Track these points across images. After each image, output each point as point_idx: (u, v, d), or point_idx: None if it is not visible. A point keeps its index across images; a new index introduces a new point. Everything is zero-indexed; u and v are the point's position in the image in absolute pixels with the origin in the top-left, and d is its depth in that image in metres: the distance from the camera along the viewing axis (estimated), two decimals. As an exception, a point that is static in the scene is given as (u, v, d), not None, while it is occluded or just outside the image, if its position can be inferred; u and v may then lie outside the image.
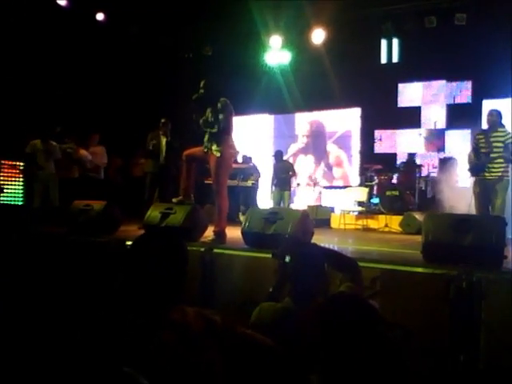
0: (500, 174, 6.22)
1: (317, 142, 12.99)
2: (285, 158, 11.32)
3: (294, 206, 10.86)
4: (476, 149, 6.45)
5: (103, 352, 1.57)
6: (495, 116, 6.40)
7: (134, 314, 1.69)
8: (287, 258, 2.52)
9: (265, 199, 10.74)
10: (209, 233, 5.47)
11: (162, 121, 7.98)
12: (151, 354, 1.57)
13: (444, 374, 3.33)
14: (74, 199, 6.27)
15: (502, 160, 6.20)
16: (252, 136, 13.13)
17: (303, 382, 1.71)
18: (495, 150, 6.23)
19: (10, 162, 9.20)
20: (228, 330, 1.78)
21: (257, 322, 2.38)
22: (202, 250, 4.58)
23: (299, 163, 12.70)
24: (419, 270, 3.81)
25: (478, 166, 6.39)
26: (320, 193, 11.81)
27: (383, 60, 11.51)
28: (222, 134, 5.29)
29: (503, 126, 6.39)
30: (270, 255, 3.91)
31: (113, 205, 5.98)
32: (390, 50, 11.40)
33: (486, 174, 6.28)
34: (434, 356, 3.37)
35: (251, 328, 2.08)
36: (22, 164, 7.12)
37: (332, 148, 12.79)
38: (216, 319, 1.78)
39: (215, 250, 4.60)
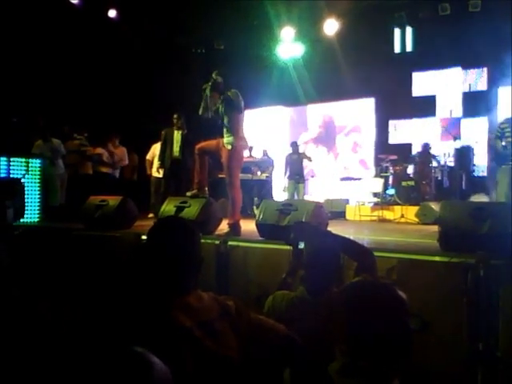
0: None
1: (328, 134, 12.96)
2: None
3: (308, 198, 10.82)
4: (501, 137, 6.36)
5: (117, 334, 1.58)
6: None
7: (150, 298, 1.71)
8: (301, 245, 2.51)
9: (279, 192, 10.71)
10: (223, 226, 5.48)
11: (175, 116, 8.03)
12: (167, 336, 1.58)
13: (463, 363, 3.29)
14: (88, 195, 6.32)
15: None
16: (264, 129, 13.10)
17: (318, 370, 1.69)
18: None
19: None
20: (242, 315, 1.78)
21: (270, 310, 2.38)
22: (217, 242, 4.59)
23: (311, 154, 12.66)
24: (436, 258, 3.76)
25: (504, 154, 6.28)
26: (334, 185, 11.76)
27: (397, 49, 11.38)
28: (233, 126, 5.28)
29: None
30: (284, 247, 3.91)
31: (128, 199, 6.02)
32: (403, 39, 11.25)
33: None
34: (453, 345, 3.34)
35: (265, 315, 2.08)
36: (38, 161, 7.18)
37: (342, 140, 12.74)
38: (230, 304, 1.79)
39: (230, 243, 4.60)
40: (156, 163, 8.75)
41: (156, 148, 9.12)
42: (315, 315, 2.21)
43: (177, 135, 8.02)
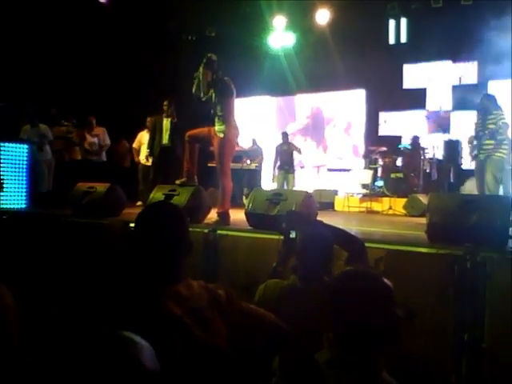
0: (489, 152, 6.49)
1: (316, 126, 12.96)
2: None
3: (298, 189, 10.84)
4: (476, 134, 6.74)
5: (106, 322, 1.57)
6: (486, 100, 6.72)
7: (140, 286, 1.69)
8: (293, 234, 2.51)
9: (268, 182, 10.71)
10: (212, 215, 5.46)
11: (165, 103, 7.98)
12: (158, 324, 1.57)
13: (448, 354, 3.33)
14: (77, 181, 6.27)
15: (492, 140, 6.46)
16: (254, 118, 13.06)
17: (308, 358, 1.70)
18: (487, 131, 6.53)
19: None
20: (231, 303, 1.78)
21: (262, 298, 2.38)
22: (206, 231, 4.58)
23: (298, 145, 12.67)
24: (424, 250, 3.79)
25: (474, 148, 6.70)
26: (323, 176, 11.78)
27: (391, 41, 11.35)
28: (226, 115, 5.25)
29: (497, 109, 6.62)
30: (273, 236, 3.92)
31: (116, 187, 5.97)
32: (398, 31, 11.24)
33: (479, 155, 6.63)
34: (438, 335, 3.38)
35: (256, 304, 2.08)
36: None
37: (330, 132, 12.76)
38: (220, 293, 1.78)
39: (219, 232, 4.59)
40: (144, 151, 8.70)
41: (142, 136, 9.07)
42: (306, 304, 2.22)
43: (166, 123, 7.97)
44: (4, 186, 6.40)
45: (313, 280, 2.35)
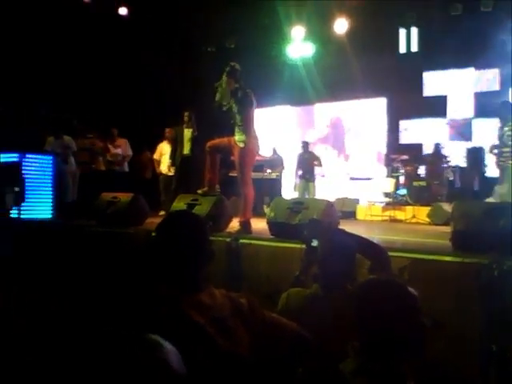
0: (506, 159, 6.46)
1: (336, 134, 12.94)
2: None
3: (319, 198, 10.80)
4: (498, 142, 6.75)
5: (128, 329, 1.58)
6: (504, 108, 6.79)
7: (163, 295, 1.70)
8: (315, 243, 2.50)
9: (288, 191, 10.70)
10: (234, 224, 5.48)
11: (186, 114, 8.05)
12: (181, 333, 1.57)
13: (476, 364, 3.27)
14: (101, 192, 6.35)
15: (509, 148, 6.42)
16: (274, 128, 13.08)
17: (331, 368, 1.69)
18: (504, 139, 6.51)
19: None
20: (254, 313, 1.78)
21: (285, 307, 2.37)
22: (228, 240, 4.59)
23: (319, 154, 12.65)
24: (449, 258, 3.74)
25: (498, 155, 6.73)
26: (344, 184, 11.73)
27: (402, 50, 11.32)
28: (246, 125, 5.27)
29: None
30: (295, 245, 3.91)
31: (139, 196, 6.05)
32: (408, 40, 11.19)
33: (500, 162, 6.67)
34: (465, 346, 3.32)
35: (279, 313, 2.08)
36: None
37: (351, 141, 12.71)
38: (242, 302, 1.78)
39: (241, 241, 4.60)
40: (166, 161, 8.78)
41: (162, 147, 9.16)
42: (329, 312, 2.21)
43: (187, 133, 8.06)
44: (25, 197, 6.47)
45: (335, 288, 2.34)
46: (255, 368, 1.70)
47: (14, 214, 6.22)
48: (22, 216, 6.34)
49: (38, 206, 6.63)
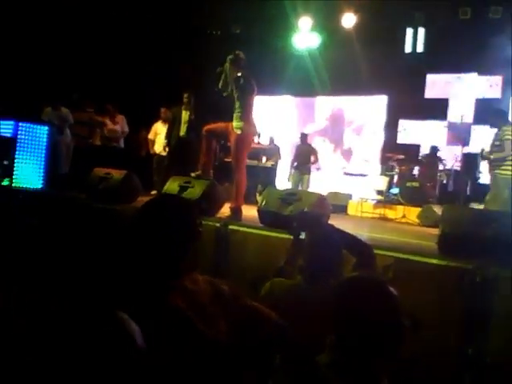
0: (495, 168, 6.46)
1: (335, 128, 12.92)
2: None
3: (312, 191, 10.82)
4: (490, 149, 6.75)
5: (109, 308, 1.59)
6: (494, 115, 6.79)
7: (146, 278, 1.71)
8: (302, 235, 2.52)
9: (283, 181, 10.71)
10: (225, 209, 5.49)
11: (185, 95, 8.02)
12: (163, 317, 1.59)
13: (451, 366, 3.32)
14: (93, 167, 6.33)
15: (497, 156, 6.43)
16: (273, 117, 13.05)
17: (309, 359, 1.71)
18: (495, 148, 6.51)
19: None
20: (235, 299, 1.79)
21: (267, 295, 2.39)
22: (218, 225, 4.60)
23: (317, 147, 12.65)
24: (433, 261, 3.77)
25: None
26: (339, 179, 11.75)
27: (408, 49, 11.29)
28: (244, 112, 5.27)
29: (506, 124, 6.50)
30: (284, 235, 3.93)
31: (132, 174, 6.03)
32: (414, 40, 11.16)
33: (491, 169, 6.66)
34: (442, 347, 3.36)
35: (260, 301, 2.09)
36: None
37: (349, 135, 12.71)
38: (224, 288, 1.79)
39: (230, 227, 4.61)
40: (160, 141, 8.74)
41: (157, 127, 9.11)
42: (310, 305, 2.23)
43: (184, 115, 8.02)
44: (17, 166, 6.44)
45: (318, 281, 2.36)
46: (232, 354, 1.72)
47: (4, 182, 6.19)
48: (12, 185, 6.31)
49: (29, 175, 6.60)
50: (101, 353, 1.11)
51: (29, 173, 6.59)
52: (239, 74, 5.26)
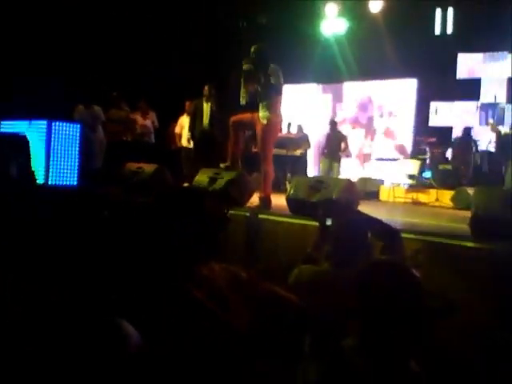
0: None
1: (365, 114, 12.77)
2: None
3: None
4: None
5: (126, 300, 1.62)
6: None
7: (163, 268, 1.70)
8: (329, 221, 2.54)
9: (314, 169, 10.69)
10: (254, 199, 5.54)
11: (206, 87, 8.02)
12: (180, 307, 1.60)
13: (484, 352, 3.29)
14: (126, 162, 6.46)
15: None
16: (302, 105, 12.98)
17: (335, 344, 1.73)
18: None
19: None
20: (253, 285, 1.79)
21: (295, 282, 2.43)
22: (247, 214, 4.64)
23: (347, 134, 12.53)
24: (465, 244, 3.72)
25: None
26: (370, 165, 11.64)
27: (437, 31, 11.05)
28: (270, 103, 5.28)
29: None
30: (313, 223, 3.94)
31: (163, 168, 6.14)
32: (444, 21, 10.91)
33: None
34: (478, 332, 3.33)
35: (290, 288, 2.12)
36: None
37: (379, 121, 12.55)
38: (241, 274, 1.79)
39: (260, 216, 4.64)
40: (185, 134, 8.79)
41: (182, 120, 9.17)
42: (337, 291, 2.25)
43: (206, 107, 8.02)
44: (52, 164, 6.59)
45: (345, 267, 2.38)
46: (254, 341, 1.71)
47: (40, 180, 6.36)
48: (48, 182, 6.49)
49: (64, 172, 6.77)
50: (91, 354, 1.16)
51: (63, 170, 6.77)
52: (260, 76, 5.24)
